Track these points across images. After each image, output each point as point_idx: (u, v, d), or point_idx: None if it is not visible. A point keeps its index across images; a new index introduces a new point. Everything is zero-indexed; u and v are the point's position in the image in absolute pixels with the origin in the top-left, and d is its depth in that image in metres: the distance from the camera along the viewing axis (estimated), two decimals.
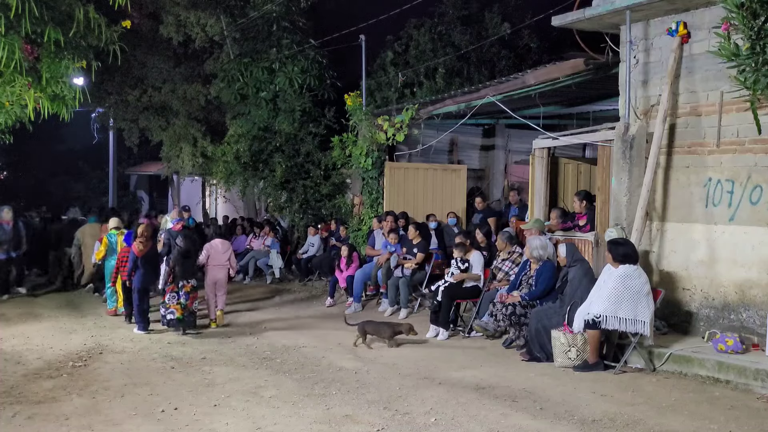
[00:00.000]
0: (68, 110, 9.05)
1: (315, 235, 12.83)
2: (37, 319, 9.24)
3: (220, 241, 9.39)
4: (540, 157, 9.03)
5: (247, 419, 5.02)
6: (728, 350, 6.11)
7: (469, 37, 14.55)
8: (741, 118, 6.55)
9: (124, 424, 4.95)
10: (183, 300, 8.18)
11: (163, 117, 15.09)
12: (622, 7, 7.12)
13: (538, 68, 9.73)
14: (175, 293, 8.20)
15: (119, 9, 8.48)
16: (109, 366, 6.66)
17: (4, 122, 8.92)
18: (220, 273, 9.00)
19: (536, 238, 7.65)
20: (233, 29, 13.80)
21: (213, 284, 8.92)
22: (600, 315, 6.19)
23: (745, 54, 5.22)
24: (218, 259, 8.98)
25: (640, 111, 7.51)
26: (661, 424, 4.87)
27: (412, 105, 11.59)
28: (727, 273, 6.75)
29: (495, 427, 4.82)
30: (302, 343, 7.68)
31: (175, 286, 8.23)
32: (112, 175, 21.03)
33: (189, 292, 8.23)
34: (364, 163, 11.93)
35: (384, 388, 5.84)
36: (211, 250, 9.00)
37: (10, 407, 5.31)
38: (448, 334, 7.96)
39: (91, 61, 9.00)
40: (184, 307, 8.18)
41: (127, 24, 9.12)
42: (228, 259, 9.09)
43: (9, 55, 7.81)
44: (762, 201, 6.47)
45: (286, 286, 12.37)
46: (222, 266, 9.02)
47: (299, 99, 13.58)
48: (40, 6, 7.78)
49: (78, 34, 8.48)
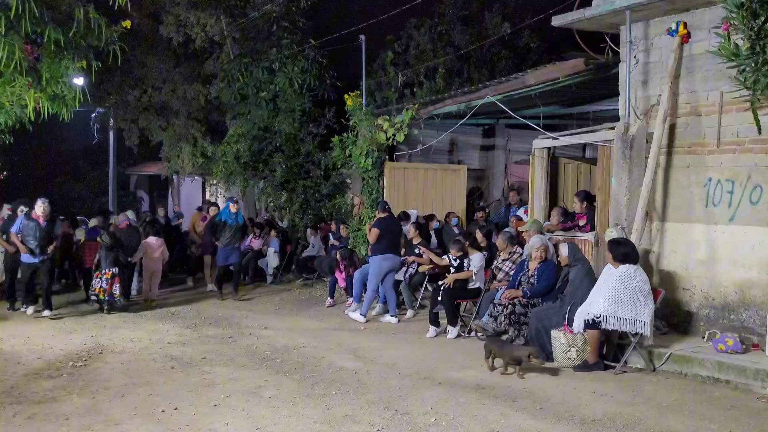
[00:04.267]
0: (68, 110, 9.05)
1: (314, 235, 12.84)
2: (37, 319, 9.24)
3: (155, 238, 10.84)
4: (540, 157, 9.02)
5: (247, 419, 5.02)
6: (728, 350, 6.12)
7: (469, 37, 14.56)
8: (741, 118, 6.55)
9: (124, 424, 4.94)
10: (104, 285, 9.70)
11: (163, 117, 15.08)
12: (622, 7, 7.12)
13: (538, 68, 9.74)
14: (99, 279, 9.72)
15: (119, 9, 8.49)
16: (109, 366, 6.66)
17: (4, 122, 8.93)
18: (154, 265, 10.65)
19: (537, 238, 7.66)
20: (233, 29, 13.80)
21: (150, 274, 10.62)
22: (600, 315, 6.19)
23: (745, 54, 5.22)
24: (153, 253, 10.61)
25: (640, 111, 7.51)
26: (661, 424, 4.87)
27: (412, 105, 11.59)
28: (727, 273, 6.75)
29: (495, 427, 4.82)
30: (302, 343, 7.68)
31: (99, 273, 9.74)
32: (112, 175, 20.98)
33: (109, 278, 9.70)
34: (364, 163, 11.93)
35: (384, 388, 5.84)
36: (146, 246, 10.60)
37: (10, 407, 5.31)
38: (457, 332, 7.96)
39: (91, 61, 9.00)
40: (104, 290, 9.70)
41: (127, 24, 9.12)
42: (161, 253, 10.74)
43: (9, 55, 7.82)
44: (762, 201, 6.47)
45: (286, 286, 12.37)
46: (156, 259, 10.64)
47: (299, 99, 13.59)
48: (40, 6, 7.79)
49: (78, 34, 8.48)
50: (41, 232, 9.32)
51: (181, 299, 11.08)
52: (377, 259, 9.14)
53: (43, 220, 9.37)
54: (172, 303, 10.70)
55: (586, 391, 5.68)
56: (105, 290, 9.68)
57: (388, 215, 9.47)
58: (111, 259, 9.79)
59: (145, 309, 10.08)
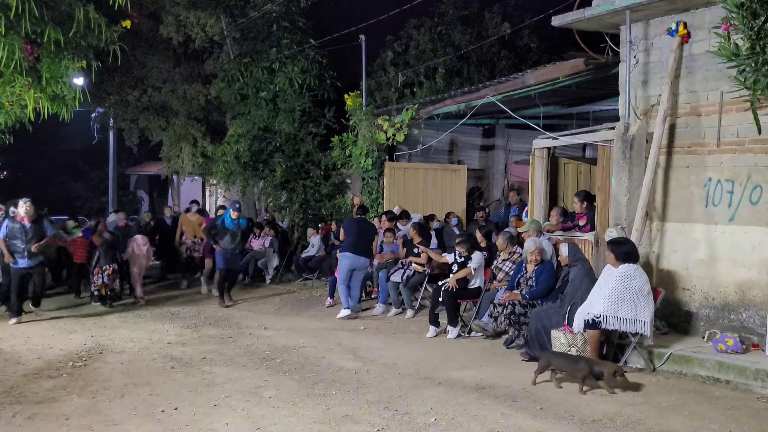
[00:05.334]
0: (68, 110, 9.05)
1: (315, 235, 12.84)
2: (37, 320, 9.24)
3: (141, 236, 11.24)
4: (540, 157, 9.02)
5: (247, 419, 5.02)
6: (728, 350, 6.12)
7: (469, 37, 14.56)
8: (741, 118, 6.55)
9: (124, 424, 4.94)
10: (106, 280, 10.15)
11: (163, 117, 15.08)
12: (622, 7, 7.12)
13: (538, 68, 9.73)
14: (100, 275, 10.16)
15: (119, 9, 8.49)
16: (109, 366, 6.66)
17: (4, 122, 8.93)
18: (140, 261, 10.94)
19: (530, 242, 7.68)
20: (233, 29, 13.81)
21: (137, 270, 10.85)
22: (600, 315, 6.19)
23: (745, 54, 5.22)
24: (140, 251, 10.92)
25: (640, 111, 7.51)
26: (661, 424, 4.87)
27: (412, 105, 11.60)
28: (727, 273, 6.75)
29: (495, 427, 4.83)
30: (302, 343, 7.68)
31: (100, 270, 10.18)
32: (112, 175, 21.01)
33: (110, 274, 10.20)
34: (364, 163, 11.93)
35: (384, 388, 5.84)
36: (133, 243, 10.91)
37: (10, 407, 5.31)
38: (457, 332, 7.97)
39: (91, 61, 9.00)
40: (106, 285, 10.17)
41: (127, 24, 9.12)
42: (147, 251, 11.10)
43: (9, 55, 7.81)
44: (762, 201, 6.47)
45: (286, 286, 12.37)
46: (143, 256, 10.96)
47: (299, 99, 13.58)
48: (40, 6, 7.79)
49: (78, 34, 8.48)
50: (27, 234, 9.00)
51: (181, 299, 11.08)
52: (339, 255, 9.82)
53: (28, 220, 9.04)
54: (172, 303, 10.70)
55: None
56: (107, 285, 10.18)
57: (359, 218, 10.47)
58: (110, 256, 10.27)
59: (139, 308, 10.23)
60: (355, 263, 9.55)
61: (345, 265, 9.58)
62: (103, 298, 10.17)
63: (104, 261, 10.22)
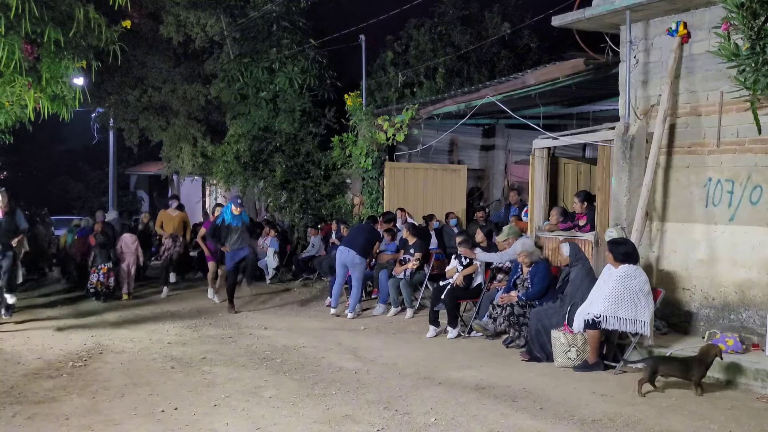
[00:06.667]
0: (68, 110, 9.03)
1: (315, 235, 12.84)
2: (37, 319, 9.24)
3: (129, 235, 11.64)
4: (540, 157, 9.02)
5: (247, 419, 5.02)
6: (728, 350, 6.11)
7: (469, 37, 14.57)
8: (741, 118, 6.55)
9: (124, 424, 4.94)
10: (101, 278, 10.82)
11: (163, 117, 15.09)
12: (622, 7, 7.12)
13: (538, 68, 9.73)
14: (96, 274, 10.84)
15: (119, 9, 8.47)
16: (109, 366, 6.66)
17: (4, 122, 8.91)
18: (129, 259, 11.28)
19: (518, 244, 7.70)
20: (233, 29, 13.81)
21: (126, 267, 11.17)
22: (600, 315, 6.19)
23: (745, 54, 5.21)
24: (128, 249, 11.29)
25: (640, 111, 7.51)
26: (661, 424, 4.87)
27: (412, 105, 11.60)
28: (727, 273, 6.75)
29: (495, 427, 4.82)
30: (302, 343, 7.68)
31: (95, 269, 10.85)
32: (112, 175, 21.02)
33: (105, 273, 10.86)
34: (364, 163, 11.93)
35: (384, 388, 5.84)
36: (122, 242, 11.30)
37: (10, 407, 5.30)
38: (457, 332, 7.97)
39: (91, 61, 8.98)
40: (102, 283, 10.84)
41: (127, 24, 9.10)
42: (136, 249, 11.38)
43: (9, 55, 7.80)
44: (762, 201, 6.47)
45: (286, 286, 12.37)
46: (131, 254, 11.29)
47: (299, 99, 13.59)
48: (40, 6, 7.77)
49: (78, 34, 8.46)
50: (1, 225, 8.72)
51: (181, 299, 11.08)
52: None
53: (2, 212, 8.77)
54: (172, 303, 10.70)
55: (586, 391, 5.68)
56: (102, 283, 10.86)
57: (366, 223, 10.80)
58: (105, 255, 10.91)
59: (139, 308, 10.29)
60: (344, 257, 9.48)
61: (336, 258, 9.72)
62: (97, 293, 10.83)
63: (100, 260, 10.88)
